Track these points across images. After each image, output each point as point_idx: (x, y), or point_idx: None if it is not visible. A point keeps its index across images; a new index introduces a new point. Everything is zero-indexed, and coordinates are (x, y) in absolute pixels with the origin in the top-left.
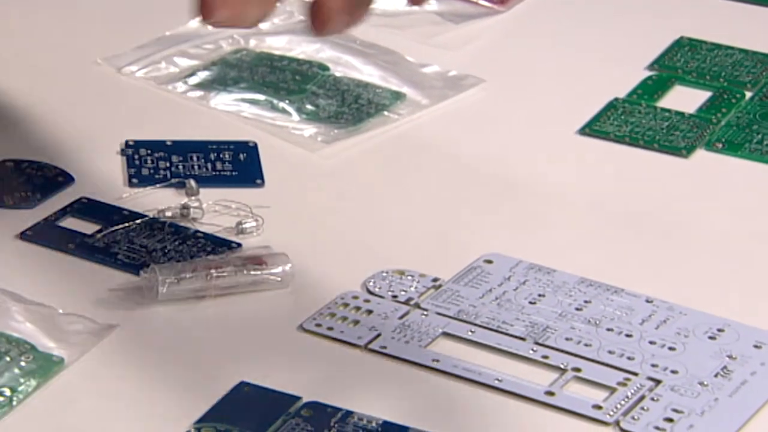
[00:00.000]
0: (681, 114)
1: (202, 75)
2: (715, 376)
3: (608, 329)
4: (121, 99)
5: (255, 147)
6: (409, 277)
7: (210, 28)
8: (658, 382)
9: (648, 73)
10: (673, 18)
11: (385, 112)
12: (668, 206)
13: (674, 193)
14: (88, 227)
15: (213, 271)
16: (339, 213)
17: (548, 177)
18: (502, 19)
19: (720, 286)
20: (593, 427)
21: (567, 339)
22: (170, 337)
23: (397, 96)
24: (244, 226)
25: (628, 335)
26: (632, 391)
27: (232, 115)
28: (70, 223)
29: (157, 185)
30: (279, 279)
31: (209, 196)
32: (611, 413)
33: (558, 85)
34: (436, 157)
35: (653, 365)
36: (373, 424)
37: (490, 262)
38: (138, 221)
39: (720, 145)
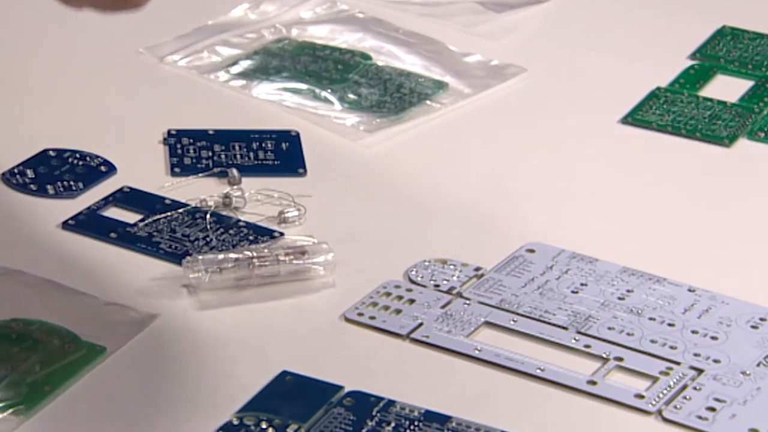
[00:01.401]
0: (723, 103)
1: (245, 64)
2: (758, 365)
3: (650, 318)
4: (164, 88)
5: (297, 136)
6: (452, 267)
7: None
8: (700, 371)
9: (690, 63)
10: (715, 7)
11: (428, 102)
12: (710, 195)
13: (716, 183)
14: (130, 216)
15: (255, 260)
16: (381, 202)
17: (590, 166)
18: (544, 8)
19: (762, 275)
20: (635, 417)
21: (609, 328)
22: (212, 326)
23: (440, 85)
24: (286, 215)
25: (670, 324)
26: (674, 380)
27: (275, 104)
28: (113, 212)
29: (200, 174)
30: (321, 268)
31: (251, 185)
32: (653, 402)
33: (600, 75)
34: (479, 146)
35: (695, 354)
36: (416, 414)
37: (532, 251)
38: (180, 210)
39: (762, 134)
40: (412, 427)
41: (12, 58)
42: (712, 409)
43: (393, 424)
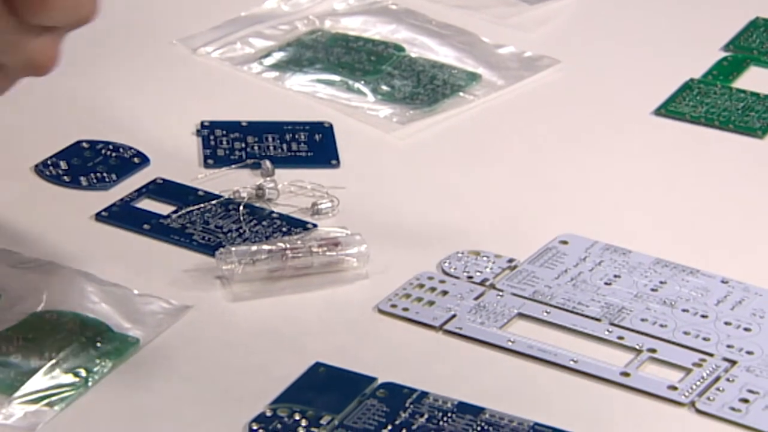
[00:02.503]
0: (756, 95)
1: (278, 56)
2: None
3: (683, 310)
4: (197, 80)
5: (330, 128)
6: (485, 258)
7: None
8: (733, 362)
9: (723, 54)
10: None
11: (461, 93)
12: (743, 187)
13: (749, 174)
14: (163, 208)
15: (288, 252)
16: (414, 194)
17: (623, 158)
18: None
19: None
20: (668, 408)
21: (642, 320)
22: (245, 317)
23: (473, 77)
24: (319, 206)
25: (703, 316)
26: (708, 371)
27: (308, 95)
28: (146, 203)
29: (233, 166)
30: (354, 260)
31: (284, 176)
32: (686, 394)
33: (633, 66)
34: (511, 138)
35: (728, 346)
36: (449, 405)
37: (565, 242)
38: (213, 202)
39: None
40: (445, 419)
41: None
42: (746, 401)
43: (426, 416)
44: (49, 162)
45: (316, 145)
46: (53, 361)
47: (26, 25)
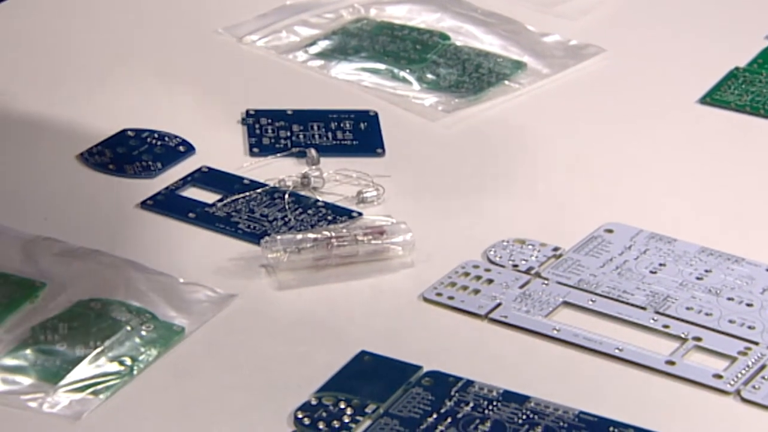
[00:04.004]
0: None
1: (323, 44)
2: None
3: (729, 298)
4: (242, 68)
5: (375, 116)
6: (530, 247)
7: None
8: None
9: None
10: None
11: (506, 81)
12: None
13: None
14: (208, 196)
15: (333, 240)
16: (459, 182)
17: (668, 146)
18: None
19: None
20: (714, 397)
21: (687, 308)
22: (290, 306)
23: (518, 65)
24: (364, 195)
25: (748, 304)
26: (753, 360)
27: (353, 84)
28: (191, 192)
29: (278, 154)
30: (399, 248)
31: (330, 165)
32: (732, 382)
33: (678, 55)
34: (557, 126)
35: None
36: (494, 394)
37: (610, 231)
38: (259, 190)
39: None
40: (490, 407)
41: (91, 39)
42: None
43: (471, 405)
44: (94, 150)
45: (361, 134)
46: (99, 350)
47: None
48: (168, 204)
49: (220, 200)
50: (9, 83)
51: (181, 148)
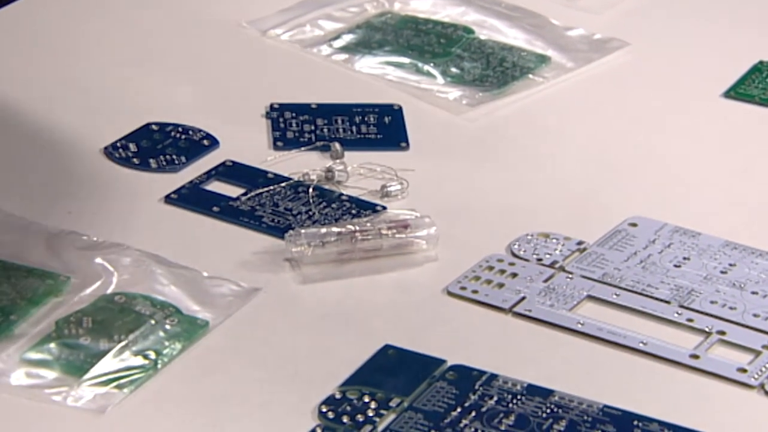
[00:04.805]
0: None
1: (347, 38)
2: None
3: (753, 292)
4: (266, 62)
5: (400, 110)
6: (554, 240)
7: None
8: None
9: None
10: None
11: (530, 75)
12: None
13: None
14: (232, 190)
15: (357, 234)
16: (483, 176)
17: (692, 140)
18: None
19: None
20: (738, 390)
21: (712, 302)
22: (314, 300)
23: (542, 59)
24: (388, 189)
25: None
26: None
27: (377, 78)
28: (215, 186)
29: (302, 148)
30: (424, 242)
31: (354, 159)
32: (756, 376)
33: (702, 48)
34: (581, 120)
35: None
36: (518, 387)
37: (634, 225)
38: (283, 184)
39: None
40: (514, 401)
41: (116, 33)
42: None
43: (495, 398)
44: (118, 144)
45: (385, 128)
46: (123, 344)
47: None
48: (192, 198)
49: (244, 194)
50: (34, 76)
51: (206, 142)
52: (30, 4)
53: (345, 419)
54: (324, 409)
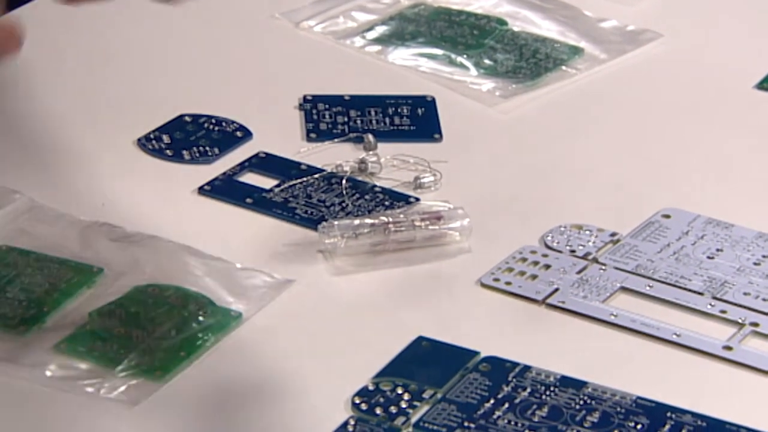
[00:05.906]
0: None
1: (380, 29)
2: None
3: None
4: (299, 54)
5: (433, 101)
6: (587, 232)
7: None
8: None
9: None
10: None
11: (563, 67)
12: None
13: None
14: (266, 182)
15: (391, 225)
16: (517, 168)
17: (726, 131)
18: None
19: None
20: None
21: (745, 294)
22: (347, 291)
23: (575, 51)
24: (422, 180)
25: None
26: None
27: (410, 69)
28: (249, 177)
29: (335, 140)
30: (457, 234)
31: (387, 150)
32: None
33: (735, 40)
34: (614, 112)
35: None
36: (551, 379)
37: (668, 216)
38: (316, 176)
39: None
40: (547, 393)
41: (150, 25)
42: None
43: (529, 390)
44: (151, 136)
45: (418, 119)
46: (156, 335)
47: None
48: (225, 189)
49: (278, 185)
50: (68, 68)
51: (239, 134)
52: None
53: (378, 411)
54: (357, 401)
